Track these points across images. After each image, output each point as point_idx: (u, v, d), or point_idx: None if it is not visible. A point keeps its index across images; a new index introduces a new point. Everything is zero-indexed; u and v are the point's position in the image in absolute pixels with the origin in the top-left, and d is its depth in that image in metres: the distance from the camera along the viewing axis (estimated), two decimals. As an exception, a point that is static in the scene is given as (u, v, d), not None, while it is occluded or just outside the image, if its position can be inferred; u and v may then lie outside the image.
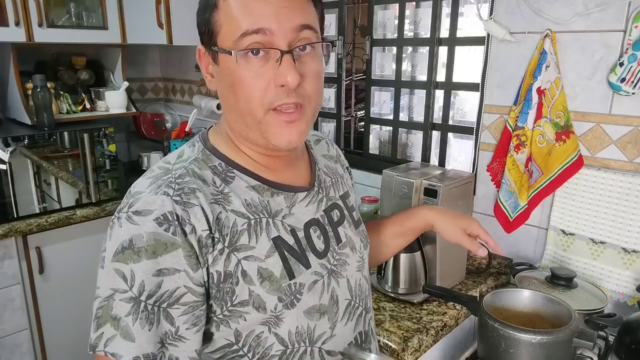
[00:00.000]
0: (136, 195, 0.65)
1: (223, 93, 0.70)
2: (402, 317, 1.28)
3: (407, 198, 1.37)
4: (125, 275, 0.61)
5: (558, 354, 0.97)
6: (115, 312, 0.61)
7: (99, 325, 0.62)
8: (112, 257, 0.62)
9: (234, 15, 0.64)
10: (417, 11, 1.73)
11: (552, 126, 1.35)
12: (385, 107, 1.90)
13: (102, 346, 0.61)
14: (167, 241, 0.62)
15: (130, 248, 0.62)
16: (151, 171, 0.69)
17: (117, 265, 0.62)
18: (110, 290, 0.62)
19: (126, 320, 0.61)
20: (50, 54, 2.40)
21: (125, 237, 0.62)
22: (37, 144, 2.05)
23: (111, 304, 0.62)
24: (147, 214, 0.62)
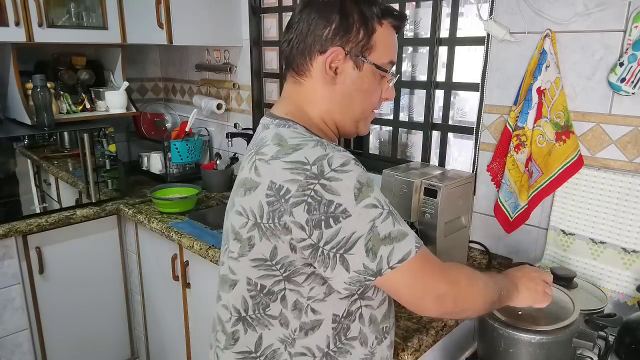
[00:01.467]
0: (323, 158, 0.78)
1: (347, 92, 0.89)
2: (402, 317, 1.28)
3: (407, 198, 1.37)
4: (375, 204, 0.77)
5: (558, 354, 0.97)
6: (384, 233, 0.77)
7: (374, 254, 0.76)
8: (355, 202, 0.76)
9: (387, 43, 0.88)
10: (417, 11, 1.73)
11: (552, 126, 1.35)
12: (385, 107, 1.90)
13: (386, 264, 0.77)
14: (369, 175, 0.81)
15: (363, 186, 0.77)
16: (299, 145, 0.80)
17: (364, 202, 0.76)
18: (369, 223, 0.76)
19: (396, 228, 0.78)
20: (50, 54, 2.40)
21: (352, 183, 0.76)
22: (37, 144, 2.05)
23: (376, 231, 0.76)
24: (347, 163, 0.78)
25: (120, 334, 2.34)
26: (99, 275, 2.20)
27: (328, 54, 0.85)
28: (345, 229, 0.75)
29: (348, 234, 0.75)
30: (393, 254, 0.77)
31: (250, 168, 0.83)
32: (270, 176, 0.79)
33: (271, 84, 2.33)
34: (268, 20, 2.27)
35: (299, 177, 0.76)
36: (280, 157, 0.79)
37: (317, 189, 0.75)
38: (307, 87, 0.89)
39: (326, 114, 0.90)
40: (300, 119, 0.88)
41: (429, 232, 1.37)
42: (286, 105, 0.91)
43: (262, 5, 2.27)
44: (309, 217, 0.75)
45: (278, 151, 0.80)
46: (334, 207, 0.75)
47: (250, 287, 0.85)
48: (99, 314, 2.22)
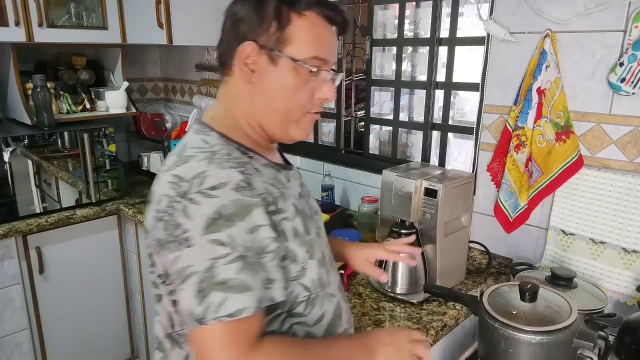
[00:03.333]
0: (200, 175, 0.71)
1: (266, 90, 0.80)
2: (402, 317, 1.28)
3: (407, 198, 1.37)
4: (223, 242, 0.68)
5: (558, 354, 0.97)
6: (222, 277, 0.67)
7: (204, 297, 0.66)
8: (202, 232, 0.68)
9: (309, 36, 0.79)
10: (417, 11, 1.73)
11: (552, 126, 1.35)
12: (385, 107, 1.90)
13: (213, 314, 0.66)
14: (247, 204, 0.71)
15: (220, 218, 0.68)
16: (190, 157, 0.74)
17: (211, 236, 0.68)
18: (209, 261, 0.67)
19: (238, 277, 0.67)
20: (50, 54, 2.40)
21: (210, 211, 0.68)
22: (37, 144, 2.05)
23: (214, 273, 0.67)
24: (222, 186, 0.70)
25: (120, 333, 2.34)
26: (99, 275, 2.20)
27: (242, 49, 0.78)
28: (183, 258, 0.68)
29: (184, 265, 0.68)
30: (225, 304, 0.66)
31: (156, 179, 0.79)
32: (158, 189, 0.75)
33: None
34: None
35: (171, 192, 0.71)
36: (172, 169, 0.74)
37: (176, 208, 0.70)
38: (231, 85, 0.83)
39: (249, 115, 0.83)
40: (222, 124, 0.82)
41: (429, 232, 1.37)
42: (216, 107, 0.87)
43: None
44: (163, 237, 0.71)
45: (173, 162, 0.76)
46: (180, 232, 0.69)
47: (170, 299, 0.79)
48: (99, 313, 2.22)
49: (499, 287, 1.12)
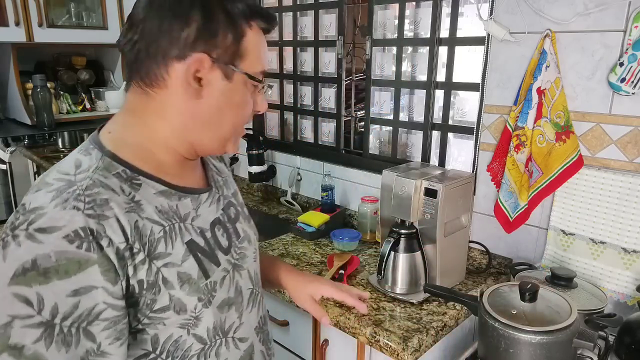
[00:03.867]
0: (36, 210, 0.59)
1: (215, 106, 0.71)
2: (402, 317, 1.28)
3: (407, 198, 1.37)
4: (29, 300, 0.56)
5: (558, 354, 0.97)
6: (15, 340, 0.55)
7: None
8: (8, 281, 0.56)
9: (258, 49, 0.73)
10: (417, 11, 1.73)
11: (552, 126, 1.35)
12: (385, 107, 1.90)
13: None
14: (80, 259, 0.58)
15: (34, 269, 0.56)
16: (47, 184, 0.62)
17: (16, 289, 0.56)
18: (8, 317, 0.55)
19: (35, 347, 0.56)
20: (50, 54, 2.40)
21: (27, 258, 0.56)
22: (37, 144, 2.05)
23: (8, 332, 0.55)
24: (53, 231, 0.57)
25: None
26: None
27: (190, 62, 0.67)
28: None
29: None
30: None
31: None
32: None
33: (271, 84, 2.33)
34: (268, 20, 2.27)
35: (8, 222, 0.61)
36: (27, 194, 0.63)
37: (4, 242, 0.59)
38: (159, 100, 0.70)
39: (180, 132, 0.72)
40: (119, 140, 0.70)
41: (429, 232, 1.37)
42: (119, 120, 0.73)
43: (262, 5, 2.27)
44: None
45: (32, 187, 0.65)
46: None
47: None
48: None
49: (499, 287, 1.12)
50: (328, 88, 2.10)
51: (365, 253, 1.71)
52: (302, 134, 2.26)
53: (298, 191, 2.22)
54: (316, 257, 1.67)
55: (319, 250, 1.73)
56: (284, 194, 2.24)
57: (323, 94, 2.12)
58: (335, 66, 2.02)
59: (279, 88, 2.32)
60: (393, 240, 1.36)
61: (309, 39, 2.10)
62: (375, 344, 1.21)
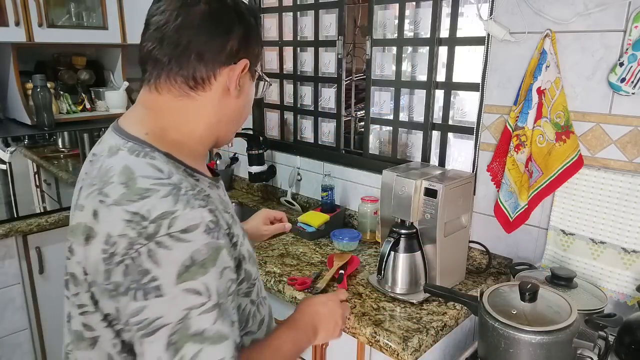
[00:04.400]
0: (166, 216, 0.64)
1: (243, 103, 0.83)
2: (402, 317, 1.28)
3: (407, 198, 1.37)
4: (199, 291, 0.64)
5: (558, 354, 0.97)
6: (196, 328, 0.63)
7: (176, 350, 0.62)
8: (175, 280, 0.63)
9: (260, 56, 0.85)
10: (417, 11, 1.73)
11: (552, 126, 1.35)
12: (385, 107, 1.90)
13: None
14: (217, 246, 0.67)
15: (194, 264, 0.64)
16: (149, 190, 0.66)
17: (186, 285, 0.63)
18: (183, 311, 0.63)
19: (215, 327, 0.64)
20: (50, 54, 2.40)
21: (184, 257, 0.63)
22: (37, 144, 2.05)
23: (188, 324, 0.63)
24: (194, 229, 0.65)
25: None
26: None
27: (239, 67, 0.77)
28: (151, 309, 0.62)
29: (152, 317, 0.62)
30: (200, 356, 0.62)
31: (90, 212, 0.68)
32: (108, 227, 0.65)
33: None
34: (268, 20, 2.27)
35: (131, 233, 0.63)
36: (123, 204, 0.65)
37: (141, 252, 0.63)
38: (200, 102, 0.77)
39: (214, 128, 0.81)
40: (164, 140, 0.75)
41: (429, 232, 1.37)
42: (150, 121, 0.77)
43: (262, 5, 2.27)
44: (122, 281, 0.63)
45: (123, 195, 0.66)
46: (147, 280, 0.62)
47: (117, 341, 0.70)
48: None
49: (499, 287, 1.12)
50: (328, 88, 2.10)
51: (365, 253, 1.71)
52: (302, 134, 2.26)
53: (298, 191, 2.22)
54: (316, 257, 1.67)
55: (319, 250, 1.73)
56: (284, 194, 2.24)
57: (323, 94, 2.12)
58: (335, 66, 2.02)
59: (279, 88, 2.32)
60: (393, 240, 1.36)
61: (309, 39, 2.10)
62: (375, 344, 1.21)
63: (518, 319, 1.00)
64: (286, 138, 2.35)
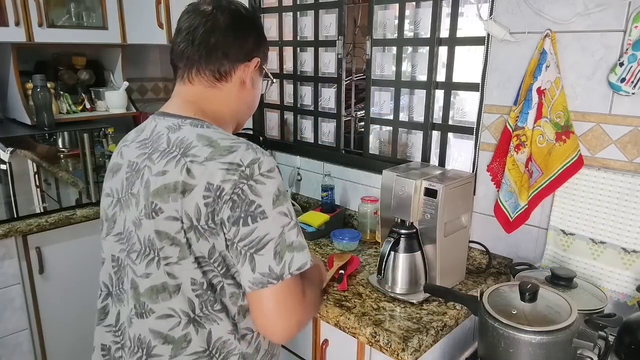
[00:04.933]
0: (255, 162, 0.84)
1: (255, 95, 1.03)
2: (402, 317, 1.28)
3: (407, 198, 1.37)
4: (286, 213, 0.85)
5: (558, 354, 0.97)
6: (289, 240, 0.84)
7: (281, 258, 0.83)
8: (272, 206, 0.83)
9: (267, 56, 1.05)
10: (417, 11, 1.73)
11: (552, 126, 1.35)
12: (385, 107, 1.90)
13: (287, 270, 0.83)
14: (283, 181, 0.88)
15: (280, 194, 0.85)
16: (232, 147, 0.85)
17: (279, 209, 0.84)
18: (280, 228, 0.83)
19: (298, 240, 0.86)
20: (50, 54, 2.40)
21: (274, 188, 0.84)
22: (37, 144, 2.05)
23: (284, 238, 0.84)
24: (274, 170, 0.86)
25: (120, 334, 2.34)
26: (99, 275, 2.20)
27: (252, 64, 0.97)
28: (260, 229, 0.82)
29: (262, 234, 0.82)
30: (294, 261, 0.84)
31: (180, 171, 0.83)
32: (207, 178, 0.82)
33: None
34: (268, 20, 2.27)
35: (234, 177, 0.81)
36: (216, 158, 0.83)
37: (244, 189, 0.81)
38: (225, 91, 0.97)
39: (236, 113, 1.01)
40: (214, 120, 0.94)
41: (429, 232, 1.37)
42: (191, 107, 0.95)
43: (262, 5, 2.27)
44: (231, 214, 0.81)
45: (212, 152, 0.84)
46: (254, 207, 0.82)
47: (196, 286, 0.87)
48: (99, 314, 2.22)
49: (499, 287, 1.12)
50: (328, 88, 2.10)
51: (365, 253, 1.71)
52: (302, 134, 2.26)
53: (298, 191, 2.22)
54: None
55: (319, 250, 1.73)
56: (284, 194, 2.23)
57: (323, 94, 2.12)
58: (335, 66, 2.02)
59: (279, 88, 2.32)
60: (393, 240, 1.36)
61: (309, 39, 2.10)
62: (375, 344, 1.21)
63: (518, 319, 1.00)
64: (286, 138, 2.35)
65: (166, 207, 0.84)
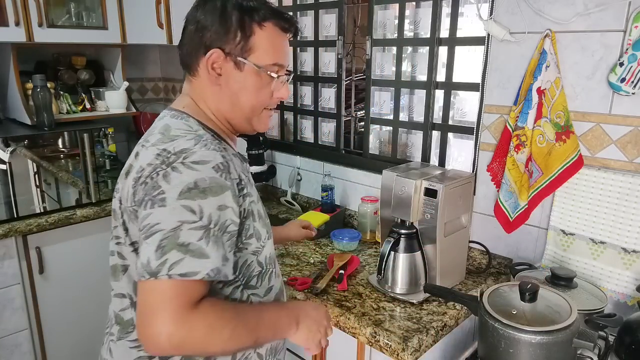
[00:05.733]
0: (186, 150, 0.80)
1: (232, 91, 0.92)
2: (402, 317, 1.28)
3: (407, 198, 1.37)
4: (193, 209, 0.75)
5: (558, 354, 0.97)
6: (183, 239, 0.74)
7: (163, 253, 0.73)
8: (177, 196, 0.76)
9: (267, 46, 0.92)
10: (417, 11, 1.73)
11: (552, 126, 1.35)
12: (385, 107, 1.90)
13: (166, 270, 0.72)
14: (222, 184, 0.79)
15: (195, 188, 0.76)
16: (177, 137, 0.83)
17: (185, 202, 0.75)
18: (177, 222, 0.74)
19: (198, 244, 0.75)
20: (50, 54, 2.40)
21: (190, 180, 0.77)
22: (37, 144, 2.05)
23: (178, 234, 0.74)
24: (205, 163, 0.79)
25: (120, 334, 2.34)
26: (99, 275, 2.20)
27: (208, 55, 0.89)
28: (153, 216, 0.76)
29: (153, 222, 0.75)
30: (180, 264, 0.72)
31: (133, 155, 0.87)
32: (141, 161, 0.83)
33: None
34: (268, 20, 2.27)
35: (156, 162, 0.80)
36: (157, 144, 0.83)
37: (159, 173, 0.78)
38: (196, 85, 0.93)
39: (216, 111, 0.94)
40: (195, 113, 0.92)
41: (429, 232, 1.37)
42: (183, 99, 0.95)
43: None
44: (140, 197, 0.79)
45: (158, 139, 0.84)
46: (157, 192, 0.77)
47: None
48: (99, 313, 2.22)
49: (499, 287, 1.12)
50: (328, 88, 2.10)
51: (365, 253, 1.71)
52: (302, 134, 2.26)
53: (298, 191, 2.22)
54: (316, 257, 1.67)
55: (319, 250, 1.73)
56: (284, 194, 2.24)
57: (323, 94, 2.12)
58: (335, 66, 2.02)
59: (279, 88, 2.31)
60: (393, 240, 1.36)
61: (309, 39, 2.10)
62: (375, 344, 1.21)
63: (518, 319, 1.00)
64: (286, 138, 2.35)
65: (118, 187, 0.88)
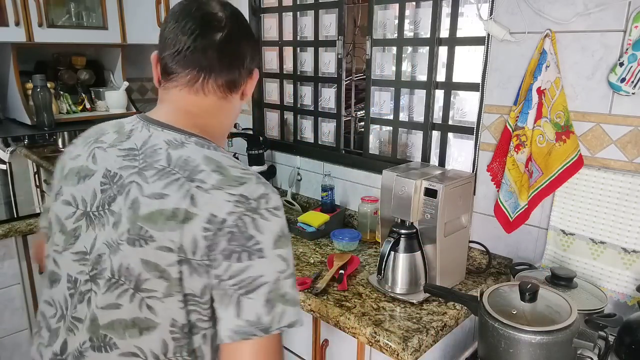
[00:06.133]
0: (263, 197, 0.77)
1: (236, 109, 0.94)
2: (402, 317, 1.28)
3: (407, 198, 1.37)
4: (285, 258, 0.75)
5: (558, 354, 0.97)
6: (283, 290, 0.74)
7: (272, 307, 0.72)
8: (272, 246, 0.74)
9: None
10: (417, 11, 1.73)
11: (552, 126, 1.35)
12: (385, 107, 1.90)
13: (277, 324, 0.73)
14: None
15: (284, 236, 0.76)
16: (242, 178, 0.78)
17: (279, 251, 0.75)
18: (277, 273, 0.73)
19: (293, 293, 0.75)
20: (50, 54, 2.40)
21: (278, 228, 0.76)
22: (37, 144, 2.05)
23: (279, 285, 0.73)
24: (281, 208, 0.78)
25: (120, 334, 2.34)
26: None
27: (255, 76, 0.92)
28: (254, 268, 0.72)
29: (255, 274, 0.72)
30: (285, 315, 0.73)
31: (183, 197, 0.73)
32: (211, 208, 0.73)
33: (271, 83, 2.34)
34: (268, 20, 2.27)
35: (238, 209, 0.73)
36: (224, 188, 0.74)
37: (246, 220, 0.73)
38: (231, 101, 0.90)
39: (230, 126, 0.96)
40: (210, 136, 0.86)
41: (429, 232, 1.37)
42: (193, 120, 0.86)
43: (262, 5, 2.27)
44: (226, 246, 0.72)
45: (221, 181, 0.75)
46: (252, 243, 0.72)
47: (175, 328, 0.76)
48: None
49: (499, 287, 1.12)
50: (328, 88, 2.10)
51: (365, 253, 1.71)
52: (302, 134, 2.26)
53: (298, 191, 2.22)
54: (316, 257, 1.67)
55: (319, 250, 1.73)
56: (284, 194, 2.24)
57: (323, 94, 2.12)
58: (335, 66, 2.02)
59: (279, 88, 2.32)
60: (393, 240, 1.36)
61: (309, 39, 2.10)
62: (375, 344, 1.21)
63: (518, 319, 1.00)
64: (286, 138, 2.35)
65: (159, 236, 0.72)
